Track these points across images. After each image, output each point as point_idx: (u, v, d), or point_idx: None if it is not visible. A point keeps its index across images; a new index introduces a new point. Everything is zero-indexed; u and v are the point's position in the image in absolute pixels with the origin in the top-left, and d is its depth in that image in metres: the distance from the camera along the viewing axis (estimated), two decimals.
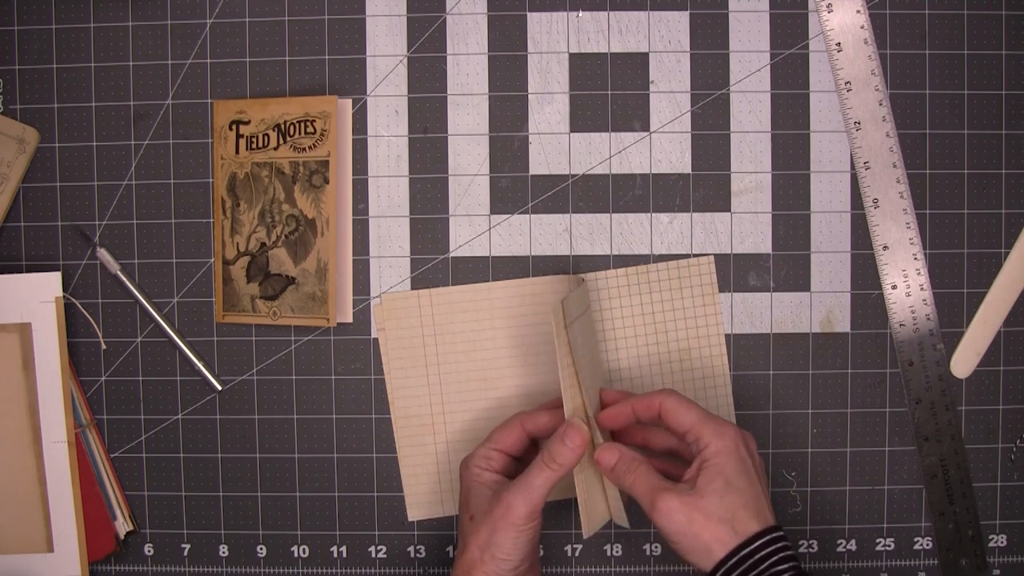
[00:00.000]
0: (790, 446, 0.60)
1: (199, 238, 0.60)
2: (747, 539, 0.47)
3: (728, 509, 0.47)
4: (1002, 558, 0.60)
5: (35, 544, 0.59)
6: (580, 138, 0.59)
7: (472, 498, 0.52)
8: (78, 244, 0.60)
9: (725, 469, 0.48)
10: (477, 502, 0.52)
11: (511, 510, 0.49)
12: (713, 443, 0.49)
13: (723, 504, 0.47)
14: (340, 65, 0.59)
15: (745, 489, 0.48)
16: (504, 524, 0.49)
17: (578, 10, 0.59)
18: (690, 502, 0.48)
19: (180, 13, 0.60)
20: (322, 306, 0.58)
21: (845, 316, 0.60)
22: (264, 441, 0.60)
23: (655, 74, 0.59)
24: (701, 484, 0.48)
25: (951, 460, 0.59)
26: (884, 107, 0.59)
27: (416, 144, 0.60)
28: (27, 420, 0.59)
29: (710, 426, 0.50)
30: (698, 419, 0.50)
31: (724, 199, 0.59)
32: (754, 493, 0.48)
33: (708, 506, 0.47)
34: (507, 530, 0.49)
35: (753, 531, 0.47)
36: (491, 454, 0.53)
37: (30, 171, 0.60)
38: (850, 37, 0.58)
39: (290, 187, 0.58)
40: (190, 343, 0.60)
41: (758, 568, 0.46)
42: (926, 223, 0.59)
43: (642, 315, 0.59)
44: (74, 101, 0.60)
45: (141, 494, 0.61)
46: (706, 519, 0.47)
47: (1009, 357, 0.60)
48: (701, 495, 0.48)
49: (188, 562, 0.61)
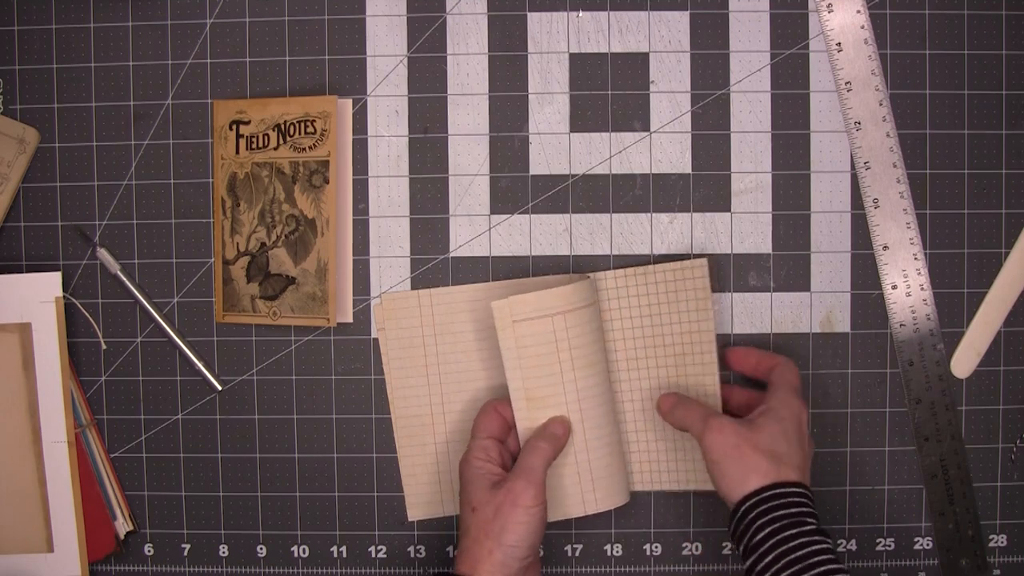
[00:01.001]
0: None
1: (199, 238, 0.60)
2: (784, 482, 0.49)
3: (776, 449, 0.50)
4: (1002, 558, 0.60)
5: (35, 544, 0.59)
6: (580, 138, 0.59)
7: (474, 490, 0.52)
8: (78, 244, 0.60)
9: (784, 421, 0.51)
10: (480, 495, 0.52)
11: (517, 494, 0.51)
12: (783, 399, 0.52)
13: (773, 442, 0.50)
14: (340, 65, 0.59)
15: (795, 445, 0.51)
16: (512, 509, 0.50)
17: (578, 10, 0.59)
18: (742, 431, 0.51)
19: (180, 13, 0.60)
20: (322, 306, 0.58)
21: (845, 316, 0.60)
22: (264, 441, 0.60)
23: (655, 74, 0.59)
24: (758, 421, 0.51)
25: (951, 460, 0.59)
26: (884, 107, 0.59)
27: (416, 144, 0.60)
28: (27, 420, 0.59)
29: (790, 391, 0.53)
30: (788, 382, 0.54)
31: (724, 199, 0.59)
32: (801, 454, 0.51)
33: (759, 439, 0.50)
34: (516, 514, 0.50)
35: (792, 479, 0.50)
36: (487, 444, 0.54)
37: (30, 171, 0.60)
38: (850, 37, 0.58)
39: (290, 187, 0.58)
40: (190, 343, 0.60)
41: (788, 510, 0.48)
42: (926, 223, 0.59)
43: (630, 317, 0.58)
44: (74, 101, 0.60)
45: (141, 494, 0.61)
46: (753, 449, 0.50)
47: (1009, 357, 0.60)
48: (755, 429, 0.51)
49: (188, 562, 0.61)
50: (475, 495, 0.52)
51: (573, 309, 0.54)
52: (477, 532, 0.51)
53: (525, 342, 0.54)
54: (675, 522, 0.60)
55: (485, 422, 0.55)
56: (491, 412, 0.56)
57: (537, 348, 0.54)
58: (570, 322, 0.54)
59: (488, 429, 0.55)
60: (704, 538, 0.60)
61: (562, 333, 0.54)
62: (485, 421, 0.55)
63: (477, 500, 0.52)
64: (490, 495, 0.52)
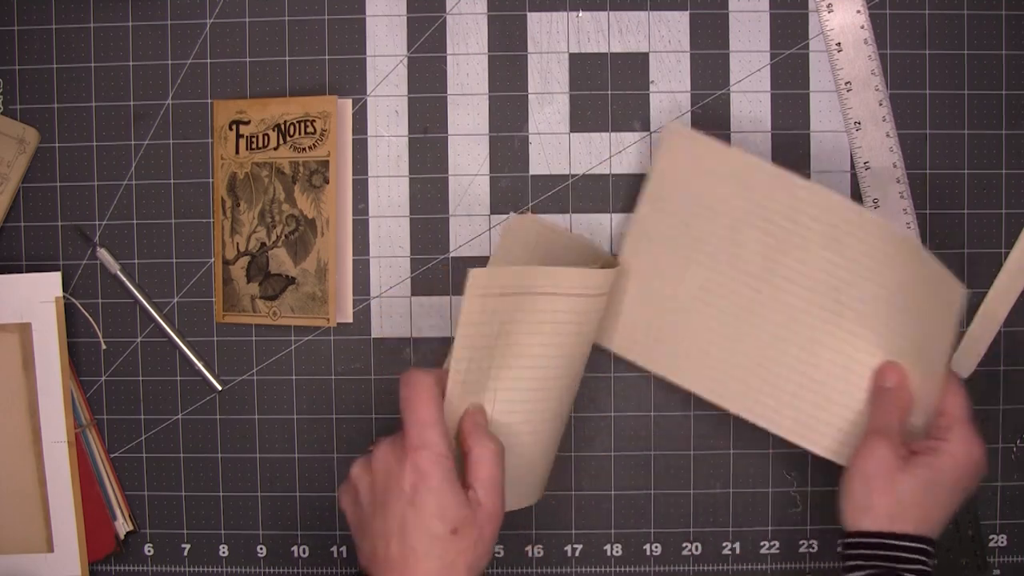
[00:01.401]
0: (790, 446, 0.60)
1: (199, 238, 0.60)
2: (905, 535, 0.46)
3: (915, 500, 0.46)
4: (1002, 558, 0.60)
5: (35, 544, 0.59)
6: (580, 138, 0.59)
7: (451, 504, 0.43)
8: (78, 244, 0.60)
9: (943, 472, 0.47)
10: (459, 512, 0.43)
11: (496, 513, 0.44)
12: (956, 446, 0.47)
13: (914, 492, 0.46)
14: (340, 65, 0.59)
15: (941, 501, 0.47)
16: (492, 531, 0.44)
17: (578, 10, 0.59)
18: (894, 464, 0.47)
19: (180, 13, 0.60)
20: (322, 306, 0.58)
21: None
22: (264, 441, 0.60)
23: (655, 74, 0.59)
24: (913, 463, 0.47)
25: None
26: (884, 107, 0.59)
27: (416, 144, 0.60)
28: (27, 420, 0.59)
29: (966, 431, 0.48)
30: (962, 416, 0.48)
31: None
32: (942, 511, 0.47)
33: (903, 481, 0.46)
34: (493, 539, 0.44)
35: (913, 533, 0.46)
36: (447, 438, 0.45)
37: (30, 171, 0.60)
38: (850, 37, 0.58)
39: (290, 187, 0.58)
40: (190, 343, 0.60)
41: (885, 563, 0.45)
42: (926, 223, 0.59)
43: None
44: (74, 101, 0.60)
45: (141, 494, 0.61)
46: (890, 487, 0.46)
47: (1009, 357, 0.60)
48: (906, 469, 0.47)
49: (188, 562, 0.61)
50: (453, 511, 0.42)
51: (570, 294, 0.49)
52: (455, 558, 0.42)
53: (494, 317, 0.46)
54: (675, 522, 0.60)
55: (435, 400, 0.44)
56: (433, 387, 0.45)
57: (511, 326, 0.47)
58: (559, 306, 0.48)
59: (439, 411, 0.44)
60: (704, 538, 0.60)
61: (548, 316, 0.48)
62: (435, 399, 0.44)
63: (458, 518, 0.42)
64: (470, 514, 0.43)
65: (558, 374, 0.51)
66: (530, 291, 0.48)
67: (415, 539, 0.42)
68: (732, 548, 0.60)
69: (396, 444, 0.45)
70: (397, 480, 0.43)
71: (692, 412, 0.60)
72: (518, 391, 0.49)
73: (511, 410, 0.49)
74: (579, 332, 0.51)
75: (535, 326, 0.49)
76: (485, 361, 0.48)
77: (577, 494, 0.60)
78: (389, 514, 0.43)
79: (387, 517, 0.43)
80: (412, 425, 0.44)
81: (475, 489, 0.44)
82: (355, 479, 0.46)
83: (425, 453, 0.43)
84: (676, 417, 0.60)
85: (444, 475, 0.43)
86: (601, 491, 0.60)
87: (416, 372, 0.45)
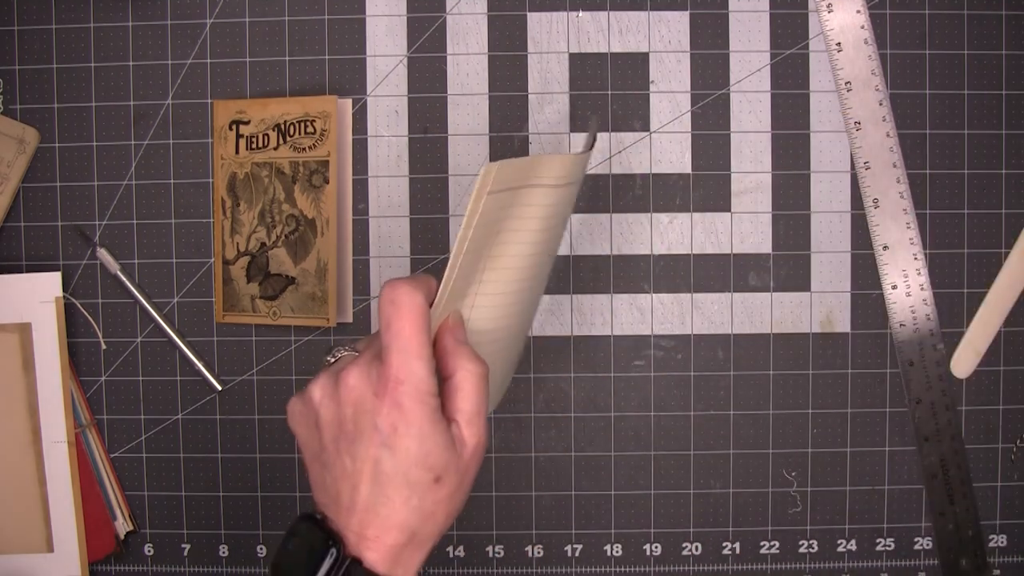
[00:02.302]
0: (790, 446, 0.60)
1: (199, 238, 0.60)
2: None
3: None
4: (1002, 558, 0.60)
5: (35, 544, 0.59)
6: (580, 138, 0.59)
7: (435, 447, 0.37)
8: (78, 244, 0.60)
9: None
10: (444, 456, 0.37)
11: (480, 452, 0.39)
12: None
13: None
14: (340, 65, 0.59)
15: None
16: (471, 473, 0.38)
17: (578, 10, 0.59)
18: None
19: (180, 13, 0.60)
20: (322, 306, 0.58)
21: (845, 316, 0.60)
22: (264, 441, 0.60)
23: (655, 74, 0.59)
24: None
25: (951, 460, 0.59)
26: (884, 107, 0.59)
27: (416, 144, 0.60)
28: (27, 420, 0.59)
29: None
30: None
31: (724, 199, 0.59)
32: None
33: None
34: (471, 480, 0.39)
35: None
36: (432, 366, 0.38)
37: (30, 171, 0.60)
38: (850, 37, 0.58)
39: (290, 187, 0.58)
40: (190, 343, 0.60)
41: None
42: (926, 223, 0.59)
43: None
44: (74, 101, 0.60)
45: (141, 494, 0.61)
46: None
47: (1009, 357, 0.60)
48: None
49: (188, 562, 0.61)
50: (436, 456, 0.36)
51: (557, 185, 0.43)
52: (434, 508, 0.37)
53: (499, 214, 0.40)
54: (675, 522, 0.60)
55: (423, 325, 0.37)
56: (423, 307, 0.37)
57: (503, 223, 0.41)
58: (549, 199, 0.43)
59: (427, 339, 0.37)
60: (704, 538, 0.60)
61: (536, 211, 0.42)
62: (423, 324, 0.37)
63: (441, 464, 0.36)
64: (454, 457, 0.37)
65: (533, 273, 0.45)
66: (531, 183, 0.42)
67: (391, 487, 0.36)
68: (732, 548, 0.60)
69: (372, 371, 0.37)
70: (372, 416, 0.36)
71: (692, 412, 0.60)
72: (498, 294, 0.43)
73: (489, 316, 0.43)
74: (559, 224, 0.46)
75: (525, 221, 0.42)
76: (475, 264, 0.41)
77: (577, 494, 0.60)
78: (359, 454, 0.37)
79: (356, 456, 0.37)
80: (395, 352, 0.36)
81: (458, 423, 0.38)
82: (316, 403, 0.39)
83: (407, 389, 0.36)
84: (676, 417, 0.60)
85: (429, 415, 0.36)
86: (601, 491, 0.60)
87: (402, 285, 0.37)
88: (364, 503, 0.37)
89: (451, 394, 0.38)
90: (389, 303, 0.37)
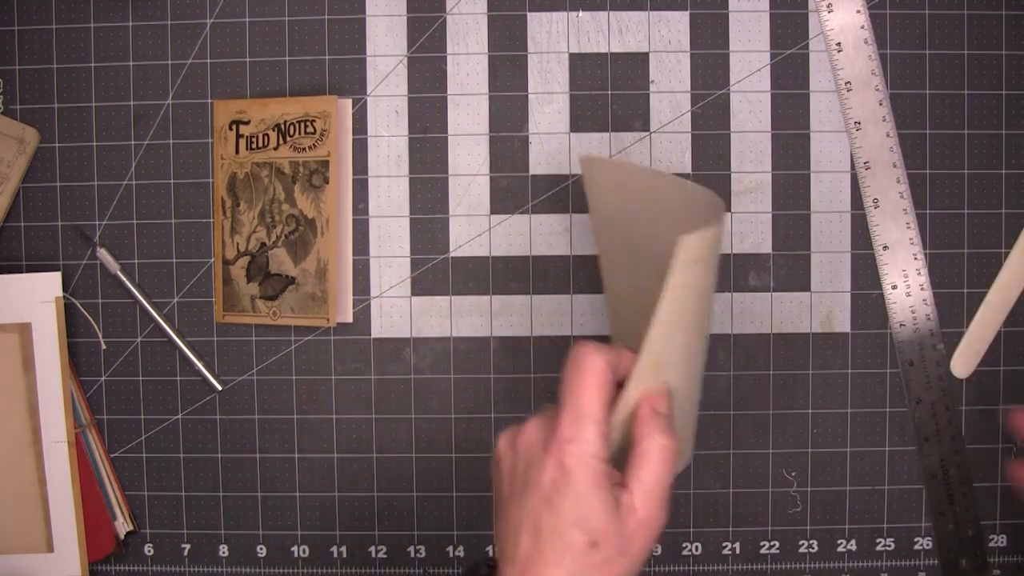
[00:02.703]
0: (790, 446, 0.60)
1: (199, 238, 0.60)
2: None
3: None
4: (1002, 558, 0.60)
5: (35, 544, 0.59)
6: (580, 138, 0.59)
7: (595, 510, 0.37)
8: (78, 244, 0.60)
9: None
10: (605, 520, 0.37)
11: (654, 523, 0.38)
12: None
13: None
14: (340, 65, 0.59)
15: None
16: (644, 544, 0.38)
17: (578, 10, 0.59)
18: None
19: (180, 13, 0.60)
20: (322, 306, 0.58)
21: (845, 316, 0.60)
22: (264, 441, 0.61)
23: (655, 74, 0.59)
24: None
25: (951, 460, 0.59)
26: (884, 107, 0.59)
27: (416, 144, 0.60)
28: (27, 420, 0.59)
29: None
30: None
31: (724, 199, 0.59)
32: None
33: None
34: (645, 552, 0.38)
35: None
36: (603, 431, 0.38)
37: (30, 171, 0.60)
38: (850, 37, 0.58)
39: (290, 187, 0.58)
40: (190, 343, 0.60)
41: None
42: (926, 223, 0.59)
43: None
44: (74, 101, 0.60)
45: (141, 494, 0.61)
46: None
47: (1009, 357, 0.60)
48: None
49: (188, 562, 0.61)
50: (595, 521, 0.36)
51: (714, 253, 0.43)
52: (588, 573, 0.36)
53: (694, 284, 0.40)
54: (675, 522, 0.60)
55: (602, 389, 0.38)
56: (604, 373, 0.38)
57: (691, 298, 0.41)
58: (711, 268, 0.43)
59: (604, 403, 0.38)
60: (704, 538, 0.60)
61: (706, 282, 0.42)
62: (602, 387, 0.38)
63: (599, 530, 0.36)
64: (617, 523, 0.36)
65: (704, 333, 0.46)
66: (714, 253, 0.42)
67: (546, 544, 0.36)
68: (732, 548, 0.60)
69: (545, 427, 0.39)
70: (538, 471, 0.37)
71: None
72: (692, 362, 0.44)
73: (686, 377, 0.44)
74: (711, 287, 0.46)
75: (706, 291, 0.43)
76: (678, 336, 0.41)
77: None
78: (525, 506, 0.37)
79: (522, 508, 0.38)
80: (568, 411, 0.38)
81: (631, 491, 0.37)
82: (499, 453, 0.40)
83: (573, 448, 0.37)
84: None
85: (591, 477, 0.36)
86: None
87: (588, 350, 0.38)
88: (523, 556, 0.37)
89: (635, 462, 0.38)
90: (572, 363, 0.39)
